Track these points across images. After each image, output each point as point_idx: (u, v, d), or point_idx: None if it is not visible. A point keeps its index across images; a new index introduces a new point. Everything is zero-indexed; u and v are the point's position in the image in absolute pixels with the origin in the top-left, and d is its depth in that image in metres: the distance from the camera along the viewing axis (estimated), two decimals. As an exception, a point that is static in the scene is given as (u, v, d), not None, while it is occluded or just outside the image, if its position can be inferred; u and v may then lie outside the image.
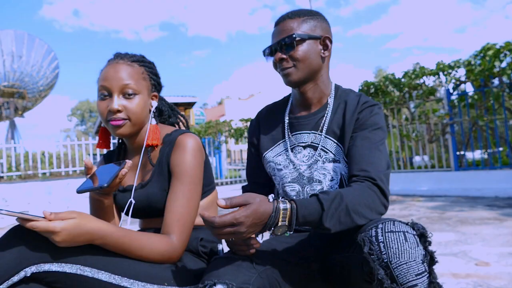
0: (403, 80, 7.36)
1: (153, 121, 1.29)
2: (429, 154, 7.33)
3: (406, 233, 0.91)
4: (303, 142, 1.27)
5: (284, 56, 1.22)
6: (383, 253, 0.90)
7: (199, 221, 1.28)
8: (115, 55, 1.30)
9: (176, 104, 13.93)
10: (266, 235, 1.33)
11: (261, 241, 1.22)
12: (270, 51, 1.26)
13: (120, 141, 1.41)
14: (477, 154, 7.25)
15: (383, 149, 1.16)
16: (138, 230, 1.36)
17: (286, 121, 1.33)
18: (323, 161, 1.23)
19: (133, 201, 1.22)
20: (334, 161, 1.22)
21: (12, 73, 15.64)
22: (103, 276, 0.98)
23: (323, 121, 1.26)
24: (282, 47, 1.22)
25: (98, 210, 1.28)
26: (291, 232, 0.97)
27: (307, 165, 1.25)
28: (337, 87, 1.32)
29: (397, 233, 0.91)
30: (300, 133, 1.29)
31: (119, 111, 1.20)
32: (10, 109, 16.27)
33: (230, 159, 13.98)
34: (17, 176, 8.55)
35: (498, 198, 5.39)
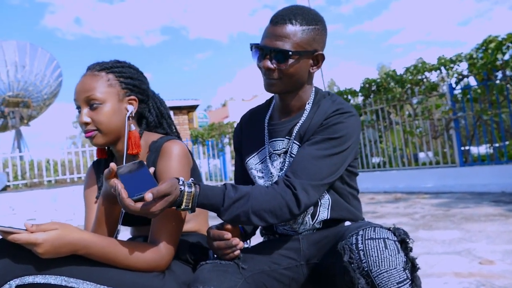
0: (404, 76, 7.31)
1: (132, 127, 1.26)
2: (433, 150, 7.27)
3: (386, 240, 0.89)
4: (277, 150, 1.24)
5: (273, 67, 1.15)
6: (363, 261, 0.88)
7: (188, 227, 1.28)
8: (87, 67, 1.30)
9: (179, 108, 13.97)
10: (255, 240, 1.32)
11: (248, 245, 1.21)
12: (259, 51, 1.18)
13: (109, 148, 1.40)
14: (483, 149, 7.16)
15: (331, 160, 1.10)
16: (129, 238, 1.35)
17: (266, 127, 1.30)
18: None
19: (123, 210, 1.21)
20: None
21: (16, 83, 15.79)
22: (88, 286, 0.97)
23: (296, 127, 1.22)
24: (272, 56, 1.14)
25: (107, 217, 1.22)
26: (192, 212, 1.03)
27: (284, 172, 1.21)
28: (317, 92, 1.27)
29: (377, 240, 0.89)
30: (275, 141, 1.26)
31: (87, 123, 1.22)
32: (16, 118, 16.40)
33: (234, 160, 13.98)
34: (23, 184, 8.63)
35: (505, 194, 5.32)
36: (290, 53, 1.12)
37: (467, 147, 6.72)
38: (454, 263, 2.45)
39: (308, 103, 1.24)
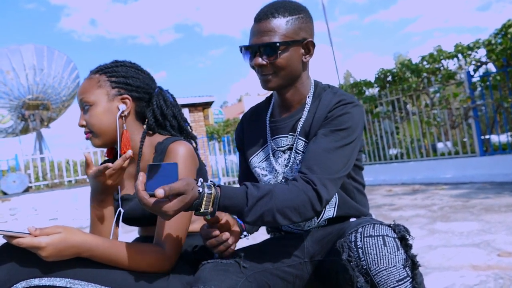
0: (420, 65, 7.15)
1: (124, 127, 1.26)
2: (452, 140, 7.10)
3: (385, 237, 0.87)
4: (282, 147, 1.23)
5: (264, 63, 1.14)
6: (361, 259, 0.86)
7: (193, 228, 1.28)
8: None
9: (194, 105, 14.04)
10: (259, 238, 1.31)
11: (246, 237, 1.19)
12: (248, 51, 1.18)
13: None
14: (503, 138, 6.97)
15: (343, 151, 1.08)
16: (136, 238, 1.36)
17: (267, 125, 1.29)
18: (296, 162, 1.19)
19: (122, 210, 1.23)
20: None
21: (35, 86, 16.12)
22: None
23: (299, 123, 1.20)
24: (262, 52, 1.14)
25: (99, 217, 1.27)
26: (211, 217, 0.96)
27: (288, 168, 1.20)
28: (316, 85, 1.26)
29: (375, 238, 0.86)
30: (279, 137, 1.24)
31: (83, 125, 1.25)
32: (36, 120, 16.78)
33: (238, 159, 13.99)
34: (44, 185, 8.82)
35: (527, 182, 5.17)
36: (278, 44, 1.11)
37: (487, 136, 6.54)
38: (472, 255, 2.39)
39: (308, 97, 1.23)
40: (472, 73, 6.50)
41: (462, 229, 3.10)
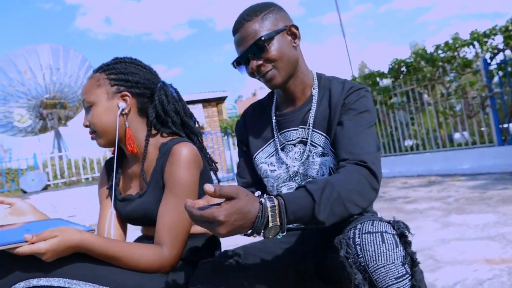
0: (435, 54, 6.99)
1: (127, 125, 1.24)
2: (469, 130, 6.95)
3: (384, 234, 0.84)
4: (292, 140, 1.21)
5: (260, 62, 1.14)
6: (359, 256, 0.84)
7: (195, 229, 1.26)
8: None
9: (208, 100, 14.08)
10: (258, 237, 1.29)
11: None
12: (241, 62, 1.18)
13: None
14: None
15: (371, 132, 1.10)
16: (138, 237, 1.36)
17: (273, 119, 1.27)
18: (313, 156, 1.17)
19: (114, 211, 1.24)
20: (323, 154, 1.16)
21: (52, 85, 16.40)
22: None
23: (309, 115, 1.20)
24: (253, 54, 1.14)
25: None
26: (284, 233, 0.86)
27: (301, 162, 1.19)
28: (320, 76, 1.26)
29: (374, 234, 0.84)
30: (288, 131, 1.23)
31: (87, 126, 1.25)
32: (54, 119, 17.09)
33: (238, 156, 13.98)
34: (62, 183, 9.00)
35: (547, 172, 5.03)
36: (263, 38, 1.12)
37: (505, 125, 6.37)
38: (486, 248, 2.34)
39: (313, 88, 1.22)
40: (488, 60, 6.32)
41: (478, 221, 3.03)
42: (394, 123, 8.00)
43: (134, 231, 1.37)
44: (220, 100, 14.64)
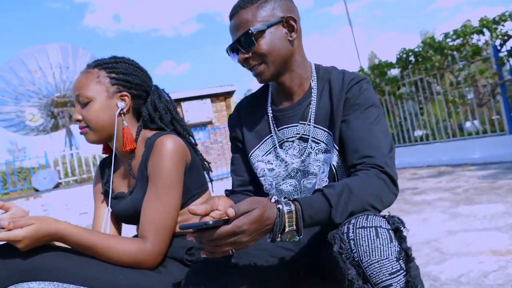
0: (444, 42, 6.86)
1: (125, 124, 1.25)
2: (479, 119, 6.83)
3: (378, 228, 0.82)
4: (291, 137, 1.16)
5: (248, 55, 1.09)
6: (353, 251, 0.81)
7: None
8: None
9: (216, 95, 14.07)
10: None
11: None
12: (232, 49, 1.13)
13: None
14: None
15: (381, 127, 1.04)
16: (133, 236, 1.36)
17: (270, 114, 1.21)
18: (315, 152, 1.12)
19: (110, 210, 1.24)
20: (326, 151, 1.11)
21: (62, 84, 16.55)
22: None
23: (310, 110, 1.14)
24: (241, 46, 1.09)
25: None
26: (301, 237, 0.87)
27: (300, 159, 1.15)
28: (318, 67, 1.19)
29: (368, 229, 0.82)
30: (287, 127, 1.17)
31: (79, 120, 1.23)
32: (65, 117, 17.26)
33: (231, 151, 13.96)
34: (73, 181, 9.11)
35: (560, 160, 4.92)
36: (251, 31, 1.06)
37: (517, 113, 6.25)
38: (493, 239, 2.30)
39: (312, 80, 1.16)
40: (498, 47, 6.19)
41: (486, 212, 2.98)
42: (403, 114, 7.91)
43: (132, 231, 1.37)
44: (228, 95, 14.62)
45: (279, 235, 0.84)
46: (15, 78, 16.15)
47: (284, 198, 0.87)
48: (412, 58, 7.68)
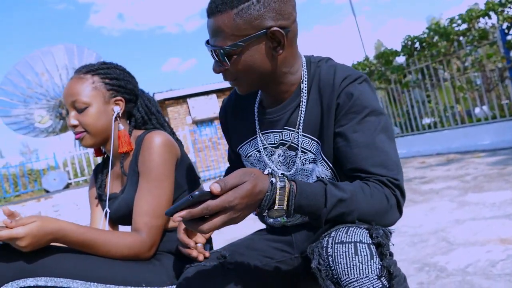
0: (450, 27, 6.74)
1: (121, 127, 1.28)
2: (488, 104, 6.71)
3: (358, 244, 0.75)
4: (274, 143, 1.06)
5: (221, 69, 0.96)
6: (331, 268, 0.75)
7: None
8: (75, 70, 1.32)
9: (221, 90, 14.07)
10: (249, 230, 1.26)
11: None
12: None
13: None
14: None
15: (384, 137, 0.92)
16: None
17: (256, 115, 1.10)
18: (302, 162, 1.02)
19: (109, 210, 1.25)
20: (314, 161, 1.01)
21: (69, 85, 16.69)
22: (78, 284, 0.99)
23: (297, 114, 1.01)
24: (216, 55, 0.93)
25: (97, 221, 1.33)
26: (287, 220, 0.84)
27: (286, 167, 1.05)
28: (309, 63, 1.04)
29: (346, 245, 0.75)
30: (271, 132, 1.06)
31: (75, 126, 1.25)
32: (73, 118, 17.40)
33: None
34: (83, 181, 9.19)
35: None
36: (222, 51, 0.91)
37: (526, 97, 6.13)
38: (501, 228, 2.25)
39: (302, 82, 1.02)
40: (506, 30, 6.06)
41: (495, 199, 2.93)
42: (410, 102, 7.81)
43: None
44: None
45: (266, 211, 0.79)
46: (23, 81, 16.27)
47: (281, 174, 0.80)
48: (417, 45, 7.57)
